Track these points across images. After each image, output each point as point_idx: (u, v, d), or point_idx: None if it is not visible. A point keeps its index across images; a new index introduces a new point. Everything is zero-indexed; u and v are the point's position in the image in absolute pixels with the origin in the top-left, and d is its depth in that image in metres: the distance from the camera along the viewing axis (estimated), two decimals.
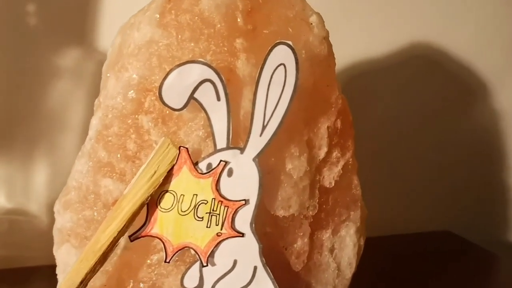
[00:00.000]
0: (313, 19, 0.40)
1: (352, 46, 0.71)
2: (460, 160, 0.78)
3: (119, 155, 0.37)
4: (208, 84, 0.35)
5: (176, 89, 0.35)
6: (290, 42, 0.35)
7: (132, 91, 0.37)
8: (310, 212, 0.40)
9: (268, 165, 0.37)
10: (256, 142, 0.36)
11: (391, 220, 0.74)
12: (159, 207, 0.36)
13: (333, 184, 0.41)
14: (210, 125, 0.36)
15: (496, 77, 0.76)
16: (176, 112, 0.36)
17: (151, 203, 0.36)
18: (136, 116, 0.37)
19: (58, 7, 0.61)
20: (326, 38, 0.41)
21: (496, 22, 0.75)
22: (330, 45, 0.41)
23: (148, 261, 0.37)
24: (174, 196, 0.36)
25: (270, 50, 0.35)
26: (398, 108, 0.74)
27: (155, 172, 0.36)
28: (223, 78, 0.35)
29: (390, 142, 0.74)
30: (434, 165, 0.77)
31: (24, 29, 0.61)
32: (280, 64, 0.36)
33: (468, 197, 0.79)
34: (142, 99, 0.37)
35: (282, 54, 0.35)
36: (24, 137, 0.63)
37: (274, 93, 0.36)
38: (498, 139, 0.78)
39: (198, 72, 0.35)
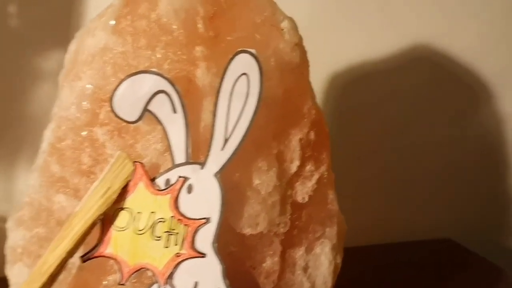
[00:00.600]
0: (284, 24, 0.38)
1: (352, 48, 0.69)
2: (463, 165, 0.75)
3: (73, 170, 0.35)
4: (162, 95, 0.33)
5: (128, 101, 0.32)
6: (253, 51, 0.33)
7: (86, 101, 0.34)
8: (281, 229, 0.38)
9: (232, 180, 0.35)
10: (218, 157, 0.34)
11: (390, 227, 0.73)
12: (113, 225, 0.34)
13: (306, 199, 0.39)
14: (168, 139, 0.33)
15: (500, 80, 0.74)
16: (133, 124, 0.33)
17: (105, 222, 0.34)
18: (91, 128, 0.35)
19: (41, 8, 0.59)
20: (298, 44, 0.38)
21: (500, 23, 0.73)
22: (303, 52, 0.39)
23: (105, 282, 0.35)
24: (130, 214, 0.33)
25: (231, 59, 0.33)
26: (398, 112, 0.72)
27: (109, 189, 0.33)
28: (179, 89, 0.32)
29: (390, 146, 0.73)
30: (436, 169, 0.75)
31: (6, 30, 0.59)
32: (243, 74, 0.33)
33: (470, 204, 0.76)
34: (96, 110, 0.35)
35: (244, 63, 0.33)
36: (6, 142, 0.61)
37: (237, 105, 0.33)
38: (502, 143, 0.76)
39: (151, 83, 0.32)
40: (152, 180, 0.34)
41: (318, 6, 0.66)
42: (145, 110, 0.33)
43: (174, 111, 0.33)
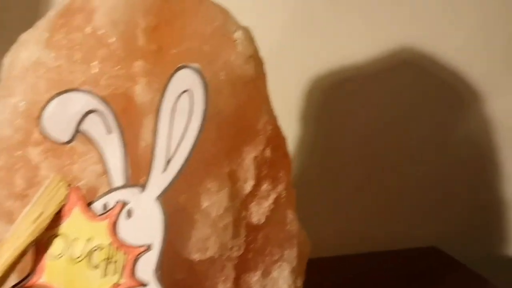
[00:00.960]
0: (237, 34, 0.35)
1: (339, 50, 0.67)
2: (449, 171, 0.73)
3: (6, 192, 0.32)
4: (95, 115, 0.30)
5: (59, 120, 0.30)
6: (195, 65, 0.30)
7: (19, 119, 0.32)
8: (235, 253, 0.35)
9: (178, 203, 0.33)
10: (159, 179, 0.31)
11: (374, 236, 0.71)
12: (47, 253, 0.31)
13: (263, 221, 0.36)
14: (104, 161, 0.31)
15: (489, 84, 0.71)
16: (68, 144, 0.31)
17: (39, 249, 0.31)
18: (25, 147, 0.32)
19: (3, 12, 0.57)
20: (253, 56, 0.36)
21: (489, 28, 0.70)
22: (259, 64, 0.36)
23: None
24: (65, 241, 0.31)
25: (172, 76, 0.30)
26: (384, 116, 0.70)
27: (41, 214, 0.31)
28: (112, 109, 0.30)
29: (374, 151, 0.70)
30: (422, 176, 0.72)
31: None
32: (185, 91, 0.30)
33: (457, 211, 0.74)
34: (30, 129, 0.32)
35: (186, 80, 0.31)
36: None
37: (180, 123, 0.31)
38: (491, 149, 0.74)
39: (82, 102, 0.30)
40: (89, 204, 0.32)
41: (301, 8, 0.63)
42: (77, 130, 0.30)
43: (109, 131, 0.31)
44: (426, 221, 0.73)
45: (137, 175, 0.32)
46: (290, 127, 0.67)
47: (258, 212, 0.37)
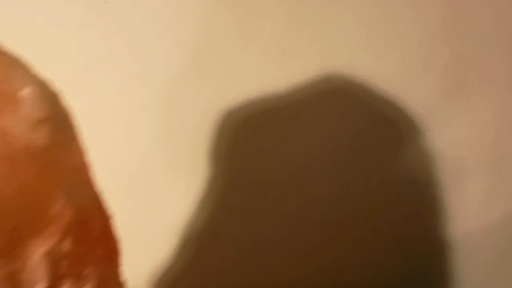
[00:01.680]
0: (25, 92, 0.26)
1: (261, 78, 0.61)
2: (386, 209, 0.68)
3: None
4: None
5: None
6: None
7: None
8: None
9: None
10: None
11: (309, 280, 0.67)
12: None
13: None
14: None
15: (427, 113, 0.66)
16: None
17: None
18: None
19: None
20: (49, 119, 0.27)
21: (425, 53, 0.65)
22: (59, 128, 0.28)
23: None
24: None
25: None
26: (310, 152, 0.65)
27: None
28: None
29: (300, 190, 0.65)
30: (356, 214, 0.67)
31: None
32: None
33: (394, 254, 0.69)
34: None
35: None
36: None
37: None
38: (431, 185, 0.69)
39: None
40: None
41: (212, 35, 0.59)
42: None
43: None
44: (360, 266, 0.69)
45: None
46: (200, 166, 0.61)
47: None
